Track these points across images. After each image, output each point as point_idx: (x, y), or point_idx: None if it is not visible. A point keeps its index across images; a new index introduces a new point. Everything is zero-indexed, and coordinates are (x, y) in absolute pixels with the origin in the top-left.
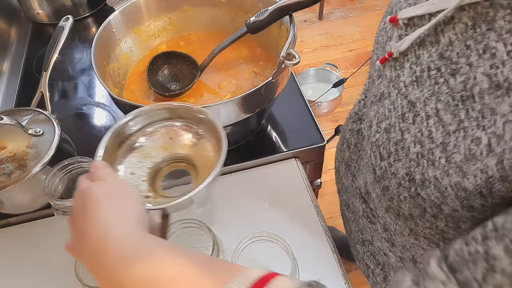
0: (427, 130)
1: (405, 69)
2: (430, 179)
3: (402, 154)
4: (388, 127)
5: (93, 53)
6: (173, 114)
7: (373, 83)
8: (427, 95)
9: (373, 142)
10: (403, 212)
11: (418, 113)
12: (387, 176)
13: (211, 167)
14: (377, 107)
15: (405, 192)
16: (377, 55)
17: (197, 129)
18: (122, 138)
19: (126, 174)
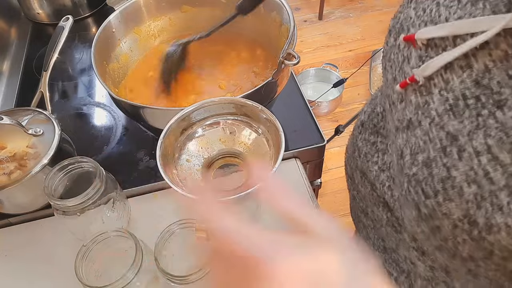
0: (482, 170)
1: (434, 95)
2: (499, 225)
3: (454, 194)
4: (428, 161)
5: (93, 53)
6: (238, 110)
7: (394, 105)
8: (469, 127)
9: (411, 176)
10: (461, 254)
11: (463, 148)
12: (436, 216)
13: None
14: (407, 136)
15: (465, 235)
16: (393, 75)
17: (257, 128)
18: (186, 124)
19: (182, 160)
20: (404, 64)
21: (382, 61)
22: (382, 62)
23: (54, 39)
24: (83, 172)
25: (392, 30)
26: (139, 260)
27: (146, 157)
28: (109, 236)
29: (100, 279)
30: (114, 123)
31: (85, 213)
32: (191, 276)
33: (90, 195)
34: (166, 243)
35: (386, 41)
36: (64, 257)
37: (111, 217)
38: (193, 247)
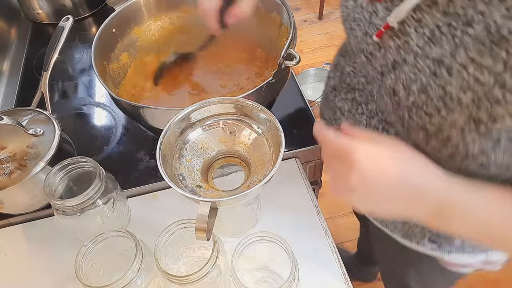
0: (472, 77)
1: (411, 34)
2: (502, 114)
3: (454, 105)
4: (423, 87)
5: (93, 53)
6: (238, 110)
7: (372, 55)
8: (450, 49)
9: (410, 105)
10: (473, 152)
11: (450, 66)
12: (444, 128)
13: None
14: (395, 74)
15: (473, 133)
16: (363, 31)
17: (257, 128)
18: (186, 125)
19: (182, 160)
20: (373, 18)
21: (344, 24)
22: (344, 25)
23: (54, 39)
24: (83, 172)
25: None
26: (139, 260)
27: (146, 157)
28: (109, 236)
29: (100, 279)
30: (114, 123)
31: (85, 213)
32: (191, 276)
33: (90, 195)
34: (166, 243)
35: (344, 5)
36: (64, 257)
37: (111, 217)
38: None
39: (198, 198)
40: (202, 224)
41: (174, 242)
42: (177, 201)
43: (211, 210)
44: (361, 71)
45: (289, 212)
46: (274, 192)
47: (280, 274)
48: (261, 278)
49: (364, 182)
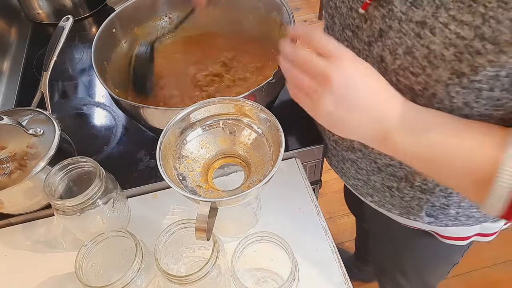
0: (453, 34)
1: (395, 2)
2: (483, 64)
3: (438, 61)
4: (408, 49)
5: (93, 54)
6: (238, 110)
7: (358, 28)
8: (432, 10)
9: (397, 68)
10: (457, 105)
11: (433, 26)
12: (429, 85)
13: (264, 168)
14: (381, 42)
15: (457, 87)
16: (347, 7)
17: (257, 128)
18: (186, 125)
19: (182, 160)
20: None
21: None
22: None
23: (54, 39)
24: (83, 172)
25: None
26: (139, 260)
27: (146, 157)
28: (109, 236)
29: (100, 279)
30: (114, 123)
31: (85, 213)
32: (191, 276)
33: (90, 195)
34: (166, 243)
35: None
36: (64, 257)
37: (111, 217)
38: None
39: (198, 198)
40: (202, 224)
41: (174, 242)
42: (177, 201)
43: (211, 210)
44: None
45: (289, 212)
46: (274, 192)
47: (280, 274)
48: (261, 278)
49: (339, 108)
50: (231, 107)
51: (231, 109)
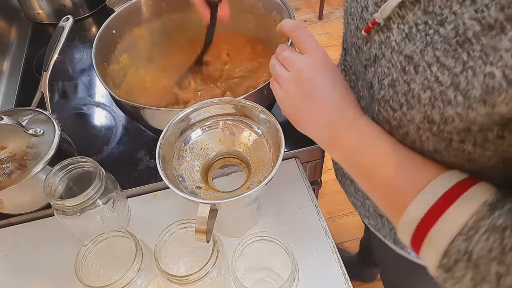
0: (433, 76)
1: (394, 30)
2: (452, 116)
3: (414, 102)
4: (392, 82)
5: (94, 55)
6: (238, 110)
7: (360, 49)
8: (421, 46)
9: (380, 99)
10: (428, 149)
11: (418, 63)
12: (403, 124)
13: (264, 169)
14: (374, 68)
15: (427, 133)
16: (355, 25)
17: (257, 129)
18: (186, 125)
19: (182, 161)
20: (364, 13)
21: (344, 18)
22: (344, 19)
23: (54, 39)
24: (83, 172)
25: None
26: (139, 260)
27: (146, 157)
28: (109, 236)
29: (100, 279)
30: (114, 123)
31: (85, 213)
32: (191, 276)
33: (90, 195)
34: (166, 243)
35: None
36: (64, 257)
37: (111, 217)
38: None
39: (198, 200)
40: (202, 226)
41: (174, 242)
42: (177, 201)
43: (211, 212)
44: (352, 67)
45: (289, 212)
46: (274, 192)
47: (280, 274)
48: (261, 278)
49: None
50: (231, 108)
51: (230, 109)
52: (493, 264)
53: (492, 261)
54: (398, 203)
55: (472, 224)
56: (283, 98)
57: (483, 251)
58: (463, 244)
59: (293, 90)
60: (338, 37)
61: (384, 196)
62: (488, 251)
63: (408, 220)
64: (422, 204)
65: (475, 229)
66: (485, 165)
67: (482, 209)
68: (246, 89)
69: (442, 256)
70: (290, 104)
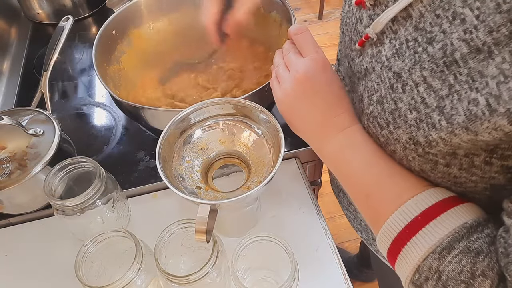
0: (420, 97)
1: (386, 45)
2: (436, 140)
3: (401, 122)
4: (380, 98)
5: (94, 55)
6: (238, 111)
7: (353, 61)
8: (409, 64)
9: (369, 114)
10: (414, 168)
11: (406, 82)
12: (390, 142)
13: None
14: (365, 82)
15: (413, 153)
16: (349, 36)
17: (257, 129)
18: (185, 126)
19: (182, 161)
20: (358, 25)
21: (340, 28)
22: (340, 28)
23: (54, 39)
24: (83, 172)
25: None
26: (139, 260)
27: (146, 157)
28: (109, 236)
29: (100, 279)
30: (114, 123)
31: (85, 213)
32: (191, 276)
33: (90, 195)
34: (166, 243)
35: (342, 9)
36: (64, 257)
37: (111, 217)
38: None
39: (198, 200)
40: (202, 226)
41: (174, 242)
42: (177, 201)
43: (211, 212)
44: (345, 78)
45: (289, 212)
46: (274, 192)
47: (280, 274)
48: (261, 278)
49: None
50: (231, 108)
51: (230, 110)
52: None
53: (460, 284)
54: (379, 214)
55: (447, 244)
56: (279, 97)
57: (453, 273)
58: (434, 263)
59: (289, 90)
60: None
61: (366, 205)
62: (459, 273)
63: (386, 232)
64: (402, 218)
65: (449, 249)
66: (471, 189)
67: (460, 230)
68: (246, 89)
69: (414, 272)
70: (285, 103)
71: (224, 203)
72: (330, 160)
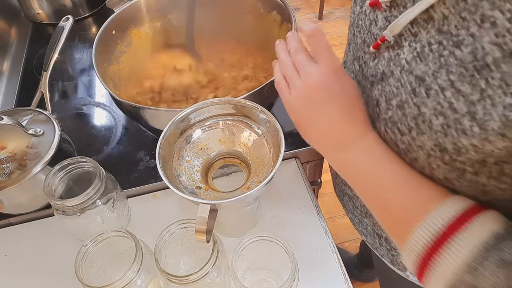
0: (447, 102)
1: (405, 48)
2: (466, 147)
3: (425, 128)
4: (401, 103)
5: (94, 55)
6: (238, 110)
7: (366, 64)
8: (434, 68)
9: (387, 119)
10: (438, 177)
11: (430, 86)
12: (412, 149)
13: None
14: (381, 86)
15: (438, 161)
16: (362, 39)
17: (257, 129)
18: (185, 125)
19: (182, 161)
20: (372, 27)
21: (349, 30)
22: (349, 31)
23: (54, 39)
24: (83, 172)
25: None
26: (139, 260)
27: (146, 157)
28: (109, 236)
29: (100, 279)
30: (114, 123)
31: (85, 213)
32: (191, 276)
33: (90, 195)
34: (166, 243)
35: (352, 10)
36: (64, 257)
37: (111, 217)
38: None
39: (198, 200)
40: (202, 226)
41: (174, 242)
42: (177, 201)
43: (211, 212)
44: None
45: (289, 212)
46: (274, 192)
47: (280, 274)
48: (261, 278)
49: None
50: (231, 108)
51: (230, 109)
52: None
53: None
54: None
55: (479, 257)
56: (289, 102)
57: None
58: (468, 278)
59: (302, 97)
60: (338, 37)
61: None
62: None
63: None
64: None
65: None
66: (499, 197)
67: (490, 240)
68: (246, 89)
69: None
70: (297, 109)
71: (224, 203)
72: (344, 170)
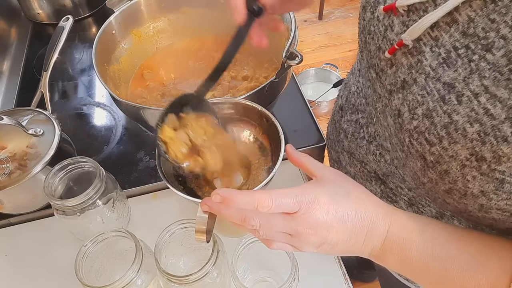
0: (482, 108)
1: (426, 53)
2: (508, 155)
3: (458, 136)
4: (428, 112)
5: (94, 55)
6: (238, 110)
7: (383, 72)
8: (464, 74)
9: (412, 130)
10: (472, 191)
11: (461, 93)
12: (443, 160)
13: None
14: (402, 95)
15: (474, 172)
16: (376, 45)
17: (257, 128)
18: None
19: None
20: (388, 32)
21: (360, 37)
22: (360, 38)
23: (54, 39)
24: (83, 172)
25: (366, 6)
26: (139, 260)
27: (146, 157)
28: (109, 236)
29: (100, 279)
30: (114, 123)
31: (85, 213)
32: (191, 276)
33: (90, 195)
34: (166, 243)
35: (361, 17)
36: (64, 257)
37: (111, 217)
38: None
39: (198, 200)
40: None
41: (174, 242)
42: (177, 201)
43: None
44: (363, 90)
45: None
46: None
47: (280, 274)
48: (261, 278)
49: (322, 247)
50: (231, 108)
51: (230, 109)
52: None
53: None
54: None
55: None
56: (301, 250)
57: None
58: None
59: (307, 247)
60: (338, 37)
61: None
62: None
63: None
64: None
65: None
66: None
67: None
68: (246, 89)
69: None
70: (308, 245)
71: None
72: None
